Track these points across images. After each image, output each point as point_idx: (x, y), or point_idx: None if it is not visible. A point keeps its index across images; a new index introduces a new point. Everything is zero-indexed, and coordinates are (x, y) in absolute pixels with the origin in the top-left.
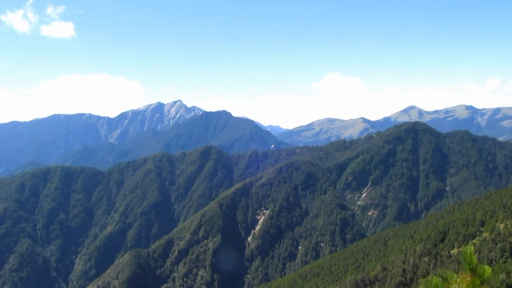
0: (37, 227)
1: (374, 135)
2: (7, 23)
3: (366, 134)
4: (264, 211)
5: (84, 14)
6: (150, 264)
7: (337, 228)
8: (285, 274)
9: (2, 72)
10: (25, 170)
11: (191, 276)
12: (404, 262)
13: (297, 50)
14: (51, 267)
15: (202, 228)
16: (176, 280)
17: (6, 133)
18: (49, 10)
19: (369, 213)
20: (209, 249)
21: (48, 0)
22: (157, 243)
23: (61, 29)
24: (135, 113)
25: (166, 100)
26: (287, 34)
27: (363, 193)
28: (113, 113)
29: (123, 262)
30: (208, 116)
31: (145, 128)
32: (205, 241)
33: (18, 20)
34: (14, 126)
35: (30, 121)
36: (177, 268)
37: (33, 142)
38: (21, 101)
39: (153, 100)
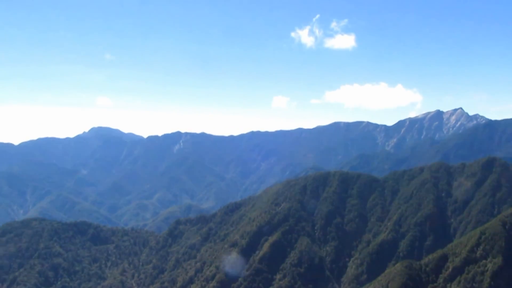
0: (315, 228)
1: None
2: (296, 40)
3: None
4: None
5: (365, 25)
6: (421, 277)
7: None
8: None
9: (292, 84)
10: (307, 173)
11: None
12: None
13: None
14: (325, 267)
15: (481, 247)
16: None
17: (293, 139)
18: (333, 24)
19: None
20: (487, 270)
21: (332, 15)
22: (430, 256)
23: (343, 41)
24: (412, 121)
25: (445, 108)
26: None
27: None
28: (390, 121)
29: (394, 271)
30: (492, 125)
31: (422, 137)
32: (484, 261)
33: (305, 36)
34: (300, 132)
35: (313, 128)
36: (450, 286)
37: (315, 148)
38: (307, 110)
39: (431, 108)
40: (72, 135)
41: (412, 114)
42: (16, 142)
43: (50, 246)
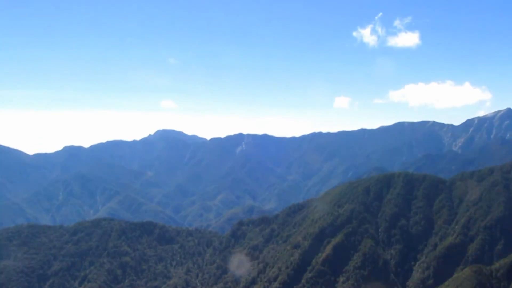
0: (379, 230)
1: None
2: (358, 39)
3: None
4: None
5: (430, 22)
6: (492, 283)
7: None
8: None
9: (354, 84)
10: (370, 174)
11: None
12: None
13: None
14: (390, 270)
15: None
16: None
17: (356, 139)
18: (396, 22)
19: None
20: None
21: (396, 13)
22: (501, 261)
23: (407, 39)
24: (481, 121)
25: None
26: None
27: None
28: (457, 121)
29: (463, 276)
30: None
31: (492, 137)
32: None
33: (367, 35)
34: (363, 133)
35: (377, 129)
36: None
37: (379, 148)
38: (370, 110)
39: (502, 106)
40: (138, 137)
41: (481, 113)
42: (86, 145)
43: (119, 245)
